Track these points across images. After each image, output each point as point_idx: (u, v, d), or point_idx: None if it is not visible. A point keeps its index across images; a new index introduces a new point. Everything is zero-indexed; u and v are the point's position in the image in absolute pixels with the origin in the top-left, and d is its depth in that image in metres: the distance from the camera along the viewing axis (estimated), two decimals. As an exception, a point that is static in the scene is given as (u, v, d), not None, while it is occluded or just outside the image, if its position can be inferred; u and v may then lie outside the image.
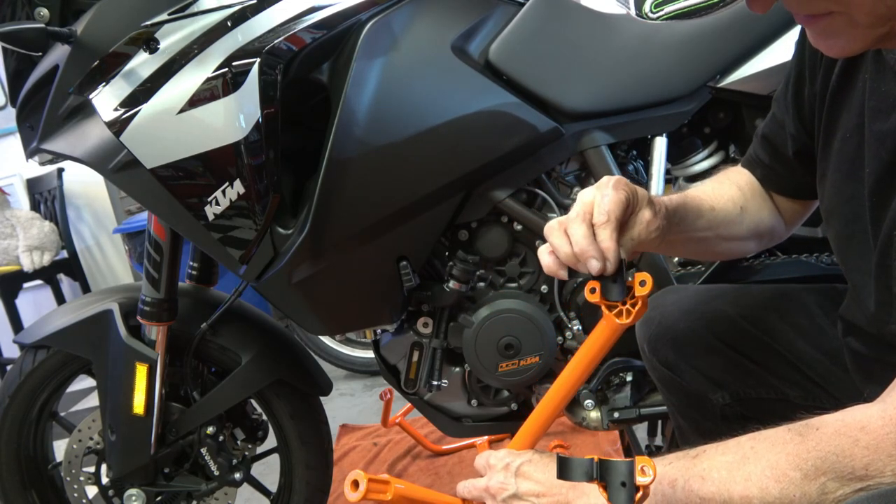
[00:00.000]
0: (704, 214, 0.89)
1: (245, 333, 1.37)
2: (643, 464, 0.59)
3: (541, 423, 0.82)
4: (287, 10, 1.11)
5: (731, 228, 0.92)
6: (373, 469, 1.98)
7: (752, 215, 0.93)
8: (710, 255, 0.98)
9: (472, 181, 1.18)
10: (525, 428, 0.82)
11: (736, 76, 1.19)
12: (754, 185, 0.95)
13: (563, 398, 0.81)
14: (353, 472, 0.77)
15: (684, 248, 0.93)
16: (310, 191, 1.16)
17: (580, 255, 0.74)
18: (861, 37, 0.59)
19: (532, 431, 0.81)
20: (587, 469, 0.62)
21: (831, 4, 0.58)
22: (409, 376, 1.32)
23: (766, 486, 0.60)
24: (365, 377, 2.76)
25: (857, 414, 0.59)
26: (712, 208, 0.90)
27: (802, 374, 0.93)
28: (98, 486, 1.41)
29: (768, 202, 0.96)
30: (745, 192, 0.94)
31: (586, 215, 0.75)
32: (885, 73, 0.67)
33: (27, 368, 1.38)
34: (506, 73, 1.19)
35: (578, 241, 0.74)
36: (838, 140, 0.75)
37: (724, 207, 0.91)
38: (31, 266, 3.38)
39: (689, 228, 0.87)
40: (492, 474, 0.78)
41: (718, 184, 0.95)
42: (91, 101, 1.11)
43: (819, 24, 0.61)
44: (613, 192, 0.75)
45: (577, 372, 0.79)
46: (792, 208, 0.96)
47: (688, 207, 0.87)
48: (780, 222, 0.96)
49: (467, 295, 1.27)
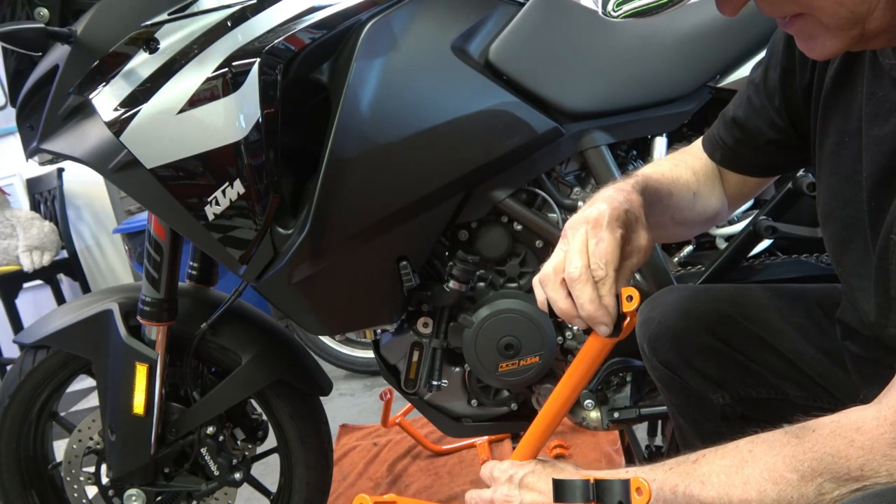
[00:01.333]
0: (663, 200, 0.89)
1: (245, 333, 1.37)
2: (638, 485, 0.61)
3: (540, 434, 0.82)
4: (287, 10, 1.11)
5: (682, 213, 0.92)
6: (373, 469, 1.98)
7: (702, 200, 0.94)
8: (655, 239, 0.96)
9: (473, 181, 1.18)
10: (526, 439, 0.82)
11: (736, 76, 1.19)
12: (708, 169, 0.95)
13: (560, 411, 0.81)
14: (357, 497, 0.77)
15: None
16: (310, 191, 1.16)
17: (589, 320, 0.71)
18: (836, 38, 0.60)
19: (533, 442, 0.82)
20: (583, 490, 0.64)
21: (795, 7, 0.60)
22: (409, 376, 1.32)
23: (764, 489, 0.60)
24: (365, 377, 2.76)
25: (853, 415, 0.59)
26: (670, 193, 0.90)
27: (802, 373, 0.93)
28: (98, 486, 1.41)
29: (718, 187, 0.96)
30: (699, 177, 0.94)
31: (589, 272, 0.71)
32: (882, 78, 0.67)
33: (27, 368, 1.38)
34: (506, 72, 1.19)
35: (585, 307, 0.71)
36: (832, 143, 0.75)
37: (680, 192, 0.91)
38: (31, 266, 3.38)
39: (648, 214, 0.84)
40: (496, 486, 0.79)
41: (675, 166, 0.94)
42: (91, 101, 1.11)
43: (794, 27, 0.63)
44: (609, 236, 0.73)
45: (569, 386, 0.79)
46: (743, 185, 0.95)
47: (651, 195, 0.85)
48: (725, 205, 0.97)
49: (467, 295, 1.27)
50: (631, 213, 0.77)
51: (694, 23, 1.21)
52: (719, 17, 1.19)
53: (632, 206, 0.78)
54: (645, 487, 0.61)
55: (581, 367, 0.77)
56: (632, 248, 0.77)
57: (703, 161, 0.96)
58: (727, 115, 0.92)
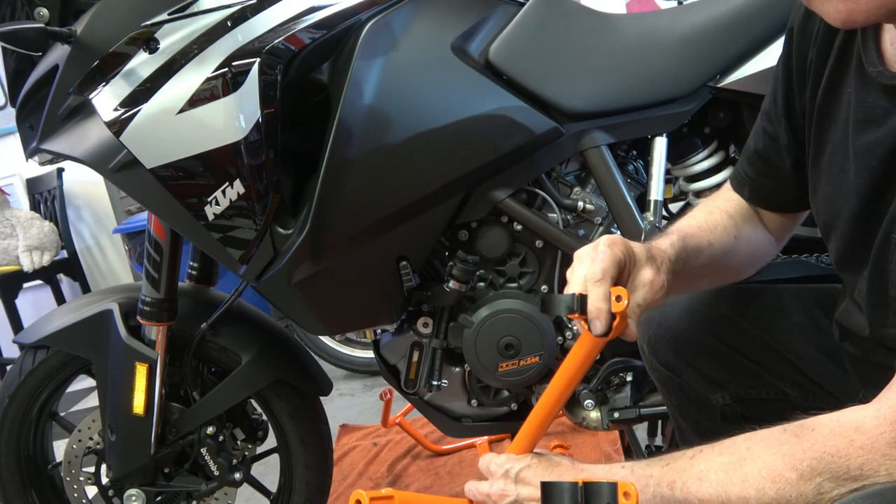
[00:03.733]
0: (704, 252, 0.88)
1: (245, 333, 1.37)
2: (626, 489, 0.62)
3: (536, 429, 0.82)
4: (287, 10, 1.11)
5: (728, 260, 0.91)
6: (373, 469, 1.98)
7: (745, 241, 0.92)
8: (708, 287, 0.97)
9: (473, 181, 1.18)
10: (521, 433, 0.83)
11: (736, 76, 1.19)
12: (743, 210, 0.94)
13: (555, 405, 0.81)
14: (354, 492, 0.77)
15: (686, 288, 0.92)
16: (310, 191, 1.16)
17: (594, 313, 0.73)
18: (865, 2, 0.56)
19: (528, 436, 0.82)
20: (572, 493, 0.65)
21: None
22: (409, 376, 1.32)
23: (763, 487, 0.60)
24: (365, 377, 2.76)
25: (852, 415, 0.59)
26: (710, 244, 0.89)
27: (802, 374, 0.93)
28: (98, 486, 1.41)
29: (758, 224, 0.94)
30: (736, 220, 0.93)
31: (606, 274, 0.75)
32: (870, 85, 0.67)
33: (27, 368, 1.37)
34: (506, 73, 1.19)
35: (595, 302, 0.73)
36: (828, 153, 0.75)
37: (720, 240, 0.90)
38: (30, 266, 3.38)
39: (691, 270, 0.86)
40: (493, 481, 0.79)
41: (709, 214, 0.93)
42: (91, 101, 1.11)
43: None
44: (608, 250, 0.75)
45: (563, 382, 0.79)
46: (780, 222, 0.95)
47: (689, 251, 0.85)
48: (771, 240, 0.95)
49: (467, 295, 1.27)
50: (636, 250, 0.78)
51: (694, 23, 1.21)
52: (719, 17, 1.20)
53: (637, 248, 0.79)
54: (632, 492, 0.62)
55: (573, 364, 0.77)
56: (636, 282, 0.77)
57: (735, 202, 0.95)
58: (749, 150, 0.92)
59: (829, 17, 0.59)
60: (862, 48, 0.68)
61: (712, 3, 1.22)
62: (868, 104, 0.67)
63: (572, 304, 0.72)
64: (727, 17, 1.19)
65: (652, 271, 0.78)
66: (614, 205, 1.22)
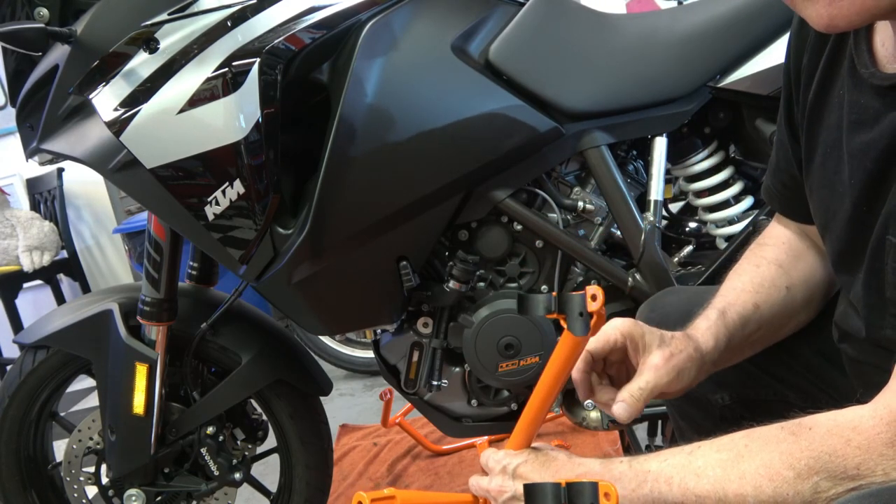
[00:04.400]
0: (750, 319, 0.85)
1: (245, 333, 1.37)
2: (606, 490, 0.64)
3: (530, 423, 0.82)
4: (287, 10, 1.11)
5: (782, 315, 0.88)
6: (373, 469, 1.98)
7: (799, 287, 0.89)
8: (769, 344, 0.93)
9: (472, 181, 1.18)
10: (516, 430, 0.83)
11: (736, 76, 1.19)
12: (793, 248, 0.90)
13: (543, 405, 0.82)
14: (356, 494, 0.77)
15: (742, 356, 0.90)
16: (310, 191, 1.16)
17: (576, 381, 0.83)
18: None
19: (523, 432, 0.82)
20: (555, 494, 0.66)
21: None
22: (409, 376, 1.32)
23: (760, 485, 0.60)
24: (365, 377, 2.76)
25: (850, 414, 0.60)
26: (756, 306, 0.86)
27: (801, 375, 0.93)
28: (98, 486, 1.41)
29: (808, 254, 0.89)
30: (785, 268, 0.88)
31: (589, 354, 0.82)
32: (862, 86, 0.67)
33: (27, 368, 1.38)
34: (506, 73, 1.19)
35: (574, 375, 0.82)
36: (819, 155, 0.75)
37: (769, 299, 0.86)
38: (30, 266, 3.38)
39: (740, 341, 0.85)
40: (491, 477, 0.79)
41: (756, 268, 0.89)
42: (91, 101, 1.11)
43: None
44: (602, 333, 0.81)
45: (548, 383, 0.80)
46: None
47: (730, 326, 0.84)
48: (825, 264, 0.88)
49: (467, 295, 1.27)
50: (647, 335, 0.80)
51: (694, 23, 1.21)
52: (719, 17, 1.20)
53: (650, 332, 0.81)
54: (612, 492, 0.63)
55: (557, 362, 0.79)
56: (644, 366, 0.80)
57: (784, 244, 0.90)
58: (770, 161, 0.91)
59: (812, 21, 0.59)
60: (854, 50, 0.68)
61: (712, 3, 1.22)
62: (861, 105, 0.67)
63: (549, 305, 0.74)
64: (727, 17, 1.19)
65: (661, 357, 0.79)
66: (614, 205, 1.22)
